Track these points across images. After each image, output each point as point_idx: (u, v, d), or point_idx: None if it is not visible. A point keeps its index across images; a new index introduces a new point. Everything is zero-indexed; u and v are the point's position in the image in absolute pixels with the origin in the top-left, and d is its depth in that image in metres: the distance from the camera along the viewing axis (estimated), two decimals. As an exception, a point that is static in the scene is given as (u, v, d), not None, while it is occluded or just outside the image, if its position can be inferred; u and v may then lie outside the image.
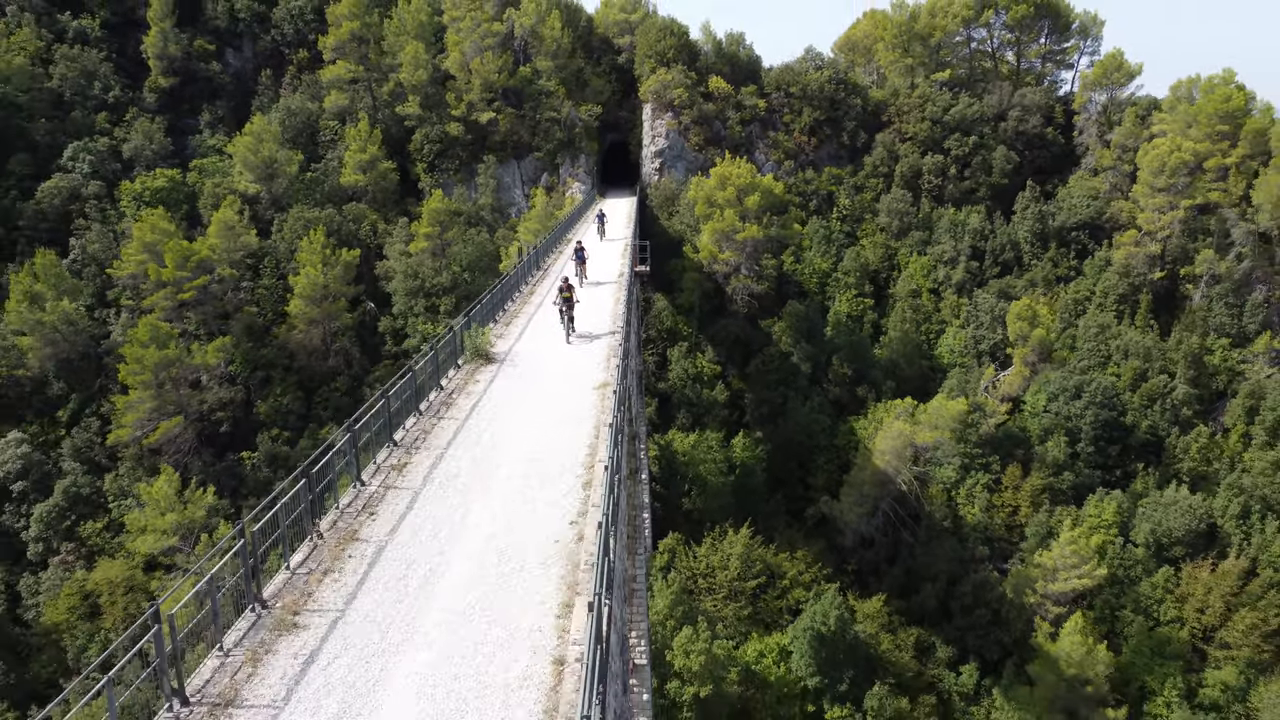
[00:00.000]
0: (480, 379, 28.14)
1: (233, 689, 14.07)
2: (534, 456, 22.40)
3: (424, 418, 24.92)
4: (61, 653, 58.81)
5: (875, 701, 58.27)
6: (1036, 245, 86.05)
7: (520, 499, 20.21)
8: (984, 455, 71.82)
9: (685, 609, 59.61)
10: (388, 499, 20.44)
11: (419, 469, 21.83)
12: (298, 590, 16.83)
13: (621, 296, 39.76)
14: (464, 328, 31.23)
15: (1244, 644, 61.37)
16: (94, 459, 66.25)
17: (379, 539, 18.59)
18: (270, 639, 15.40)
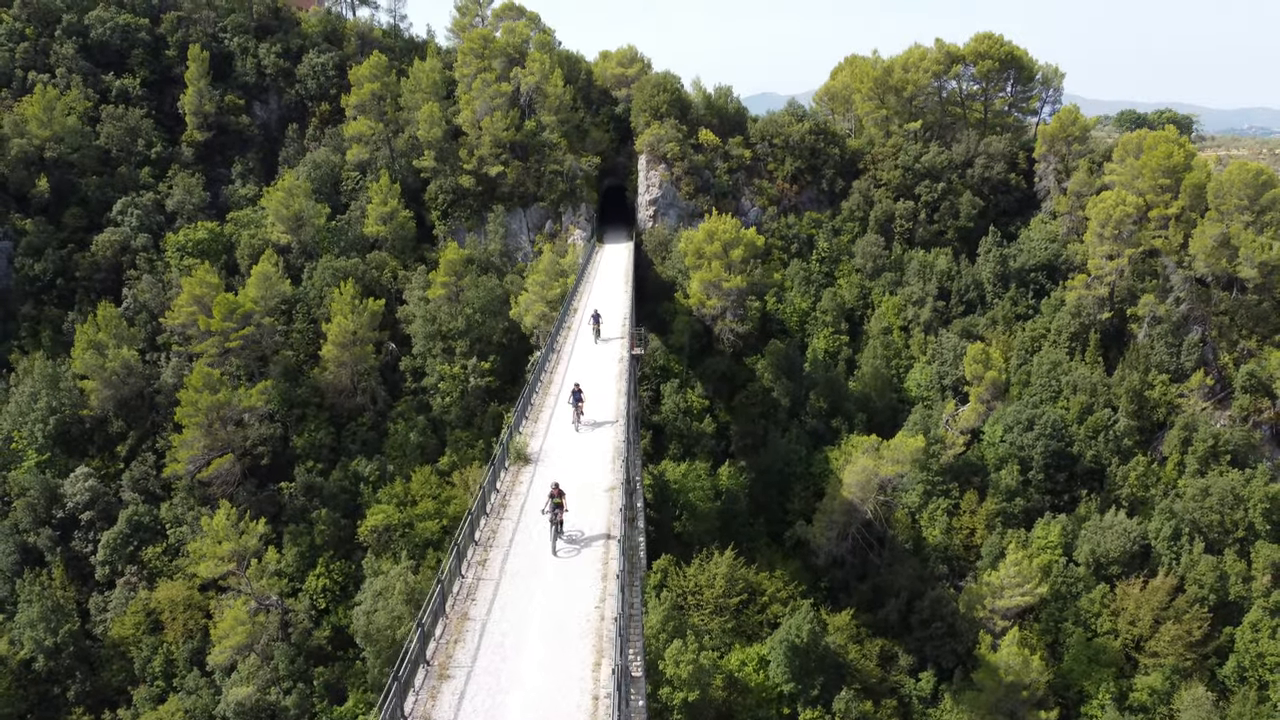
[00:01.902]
0: (523, 480, 36.60)
1: (425, 713, 22.22)
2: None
3: (490, 518, 33.41)
4: (129, 663, 67.06)
5: (843, 705, 66.52)
6: (998, 285, 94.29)
7: (563, 585, 28.61)
8: (944, 483, 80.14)
9: (676, 623, 67.92)
10: (480, 588, 28.92)
11: (495, 563, 30.43)
12: (443, 654, 25.08)
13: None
14: (509, 439, 39.84)
15: (1170, 653, 69.67)
16: (150, 489, 74.39)
17: (481, 617, 26.99)
18: (436, 684, 23.61)
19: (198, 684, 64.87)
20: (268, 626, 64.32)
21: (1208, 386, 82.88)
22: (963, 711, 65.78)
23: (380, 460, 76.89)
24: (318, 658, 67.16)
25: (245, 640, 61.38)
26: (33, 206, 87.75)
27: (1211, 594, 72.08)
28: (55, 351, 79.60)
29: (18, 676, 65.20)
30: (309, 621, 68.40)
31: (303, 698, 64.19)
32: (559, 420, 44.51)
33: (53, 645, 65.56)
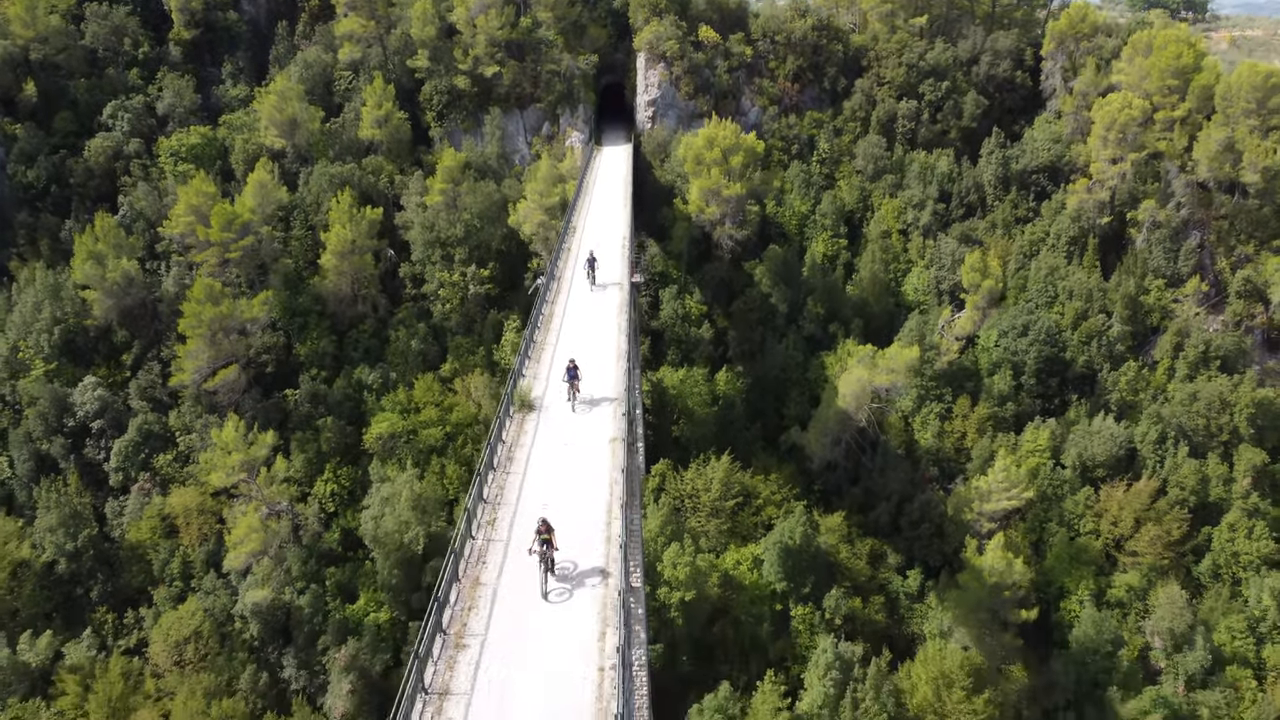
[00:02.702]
0: (527, 429, 37.24)
1: (446, 680, 23.61)
2: (574, 505, 32.04)
3: (497, 473, 34.19)
4: (147, 566, 69.65)
5: (833, 602, 69.47)
6: (999, 188, 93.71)
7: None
8: (938, 388, 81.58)
9: (673, 527, 70.34)
10: (491, 550, 29.82)
11: (504, 523, 31.29)
12: (459, 622, 26.31)
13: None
14: (513, 386, 40.33)
15: (1149, 552, 72.40)
16: (157, 398, 75.70)
17: (493, 581, 28.06)
18: (453, 653, 24.91)
19: (215, 585, 67.57)
20: (279, 532, 66.57)
21: (1203, 292, 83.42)
22: (947, 609, 68.76)
23: (383, 368, 78.00)
24: (329, 559, 69.69)
25: (259, 546, 63.64)
26: (21, 111, 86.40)
27: (1192, 496, 74.36)
28: (55, 261, 79.70)
29: (41, 579, 67.81)
30: (319, 525, 70.70)
31: (316, 597, 66.91)
32: (560, 361, 44.55)
33: (73, 549, 67.96)
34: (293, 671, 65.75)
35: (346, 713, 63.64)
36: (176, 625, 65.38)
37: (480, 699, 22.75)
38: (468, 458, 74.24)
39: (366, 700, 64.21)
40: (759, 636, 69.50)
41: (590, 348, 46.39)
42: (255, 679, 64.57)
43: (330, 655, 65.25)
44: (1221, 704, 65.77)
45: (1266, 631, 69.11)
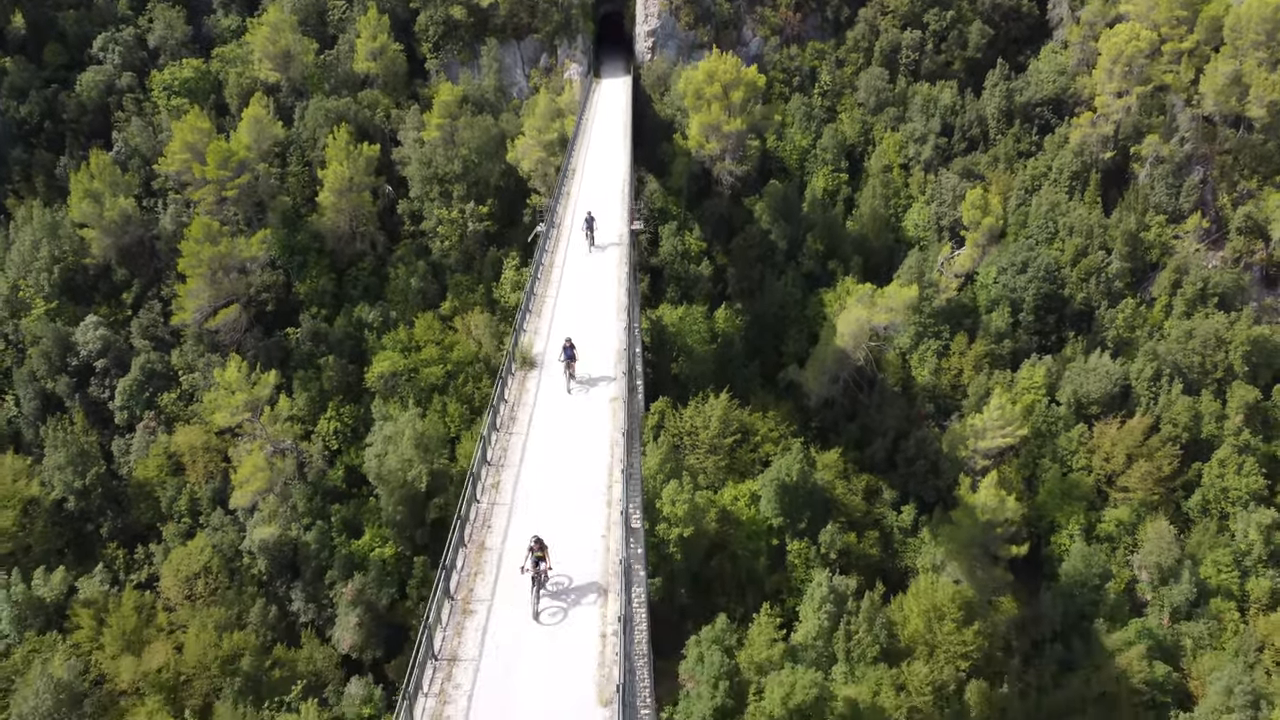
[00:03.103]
0: (529, 387, 37.54)
1: (454, 647, 24.44)
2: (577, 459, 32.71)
3: (500, 434, 34.47)
4: (155, 503, 70.91)
5: (828, 537, 70.94)
6: (1002, 121, 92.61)
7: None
8: (936, 325, 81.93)
9: (672, 465, 71.44)
10: (495, 514, 30.18)
11: (508, 486, 31.55)
12: (465, 587, 26.97)
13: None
14: (515, 342, 40.34)
15: (1139, 488, 73.64)
16: (159, 336, 76.10)
17: (498, 546, 28.56)
18: (461, 619, 25.53)
19: (222, 522, 68.88)
20: (284, 470, 67.62)
21: (1203, 229, 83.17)
22: (940, 544, 70.26)
23: (383, 306, 78.20)
24: (333, 496, 70.91)
25: (264, 485, 64.74)
26: (10, 44, 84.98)
27: (1184, 432, 75.33)
28: (51, 199, 79.30)
29: (52, 516, 69.13)
30: (323, 463, 71.76)
31: (322, 533, 68.29)
32: (560, 322, 44.63)
33: (82, 487, 69.09)
34: (301, 605, 67.48)
35: (354, 644, 65.57)
36: (186, 560, 66.89)
37: (488, 662, 23.59)
38: (468, 396, 74.98)
39: (374, 633, 66.07)
40: (755, 570, 71.18)
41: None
42: (265, 612, 66.31)
43: (337, 589, 66.89)
44: (1204, 634, 67.75)
45: (1251, 565, 70.73)
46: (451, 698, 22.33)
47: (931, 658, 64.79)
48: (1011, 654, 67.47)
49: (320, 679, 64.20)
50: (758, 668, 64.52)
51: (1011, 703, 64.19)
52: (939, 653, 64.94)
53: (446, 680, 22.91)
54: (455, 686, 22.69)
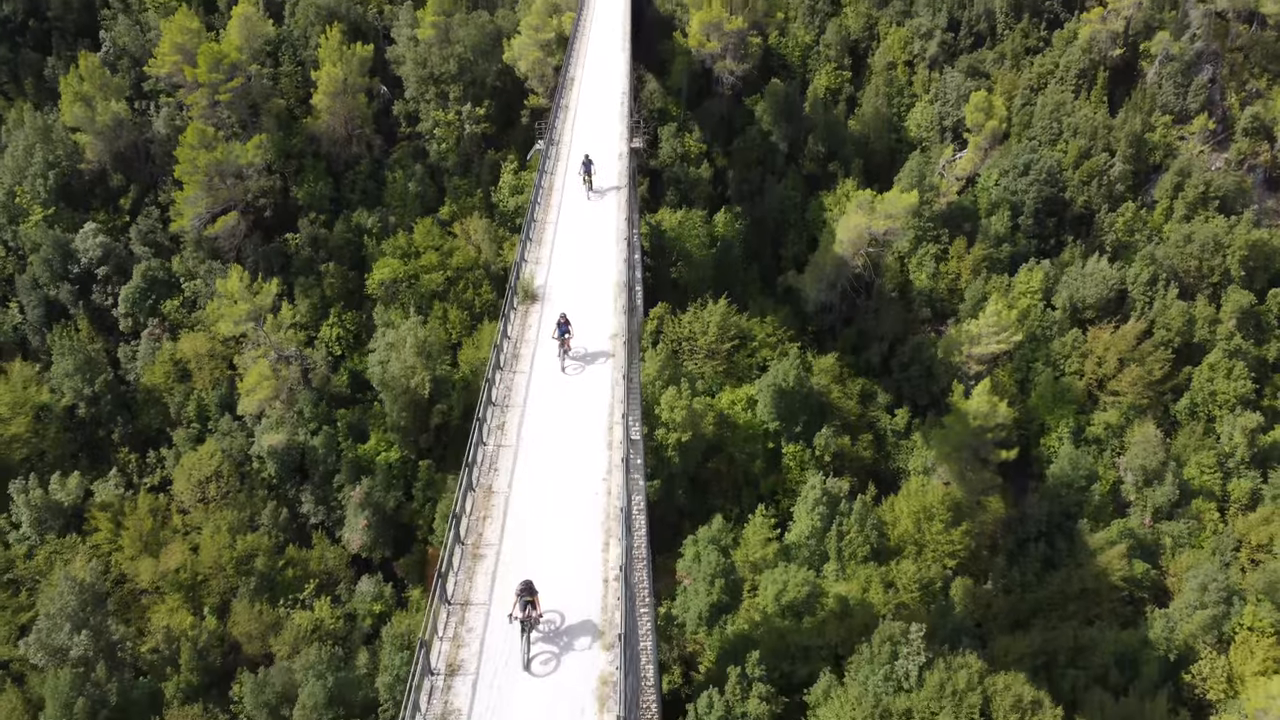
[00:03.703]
0: (531, 322, 37.89)
1: (478, 529, 25.61)
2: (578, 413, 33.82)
3: (504, 372, 35.00)
4: (164, 409, 72.36)
5: (823, 440, 72.61)
6: (1010, 16, 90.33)
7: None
8: (935, 229, 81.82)
9: (671, 371, 72.58)
10: (501, 455, 31.03)
11: (512, 427, 32.38)
12: (474, 532, 28.17)
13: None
14: (517, 275, 40.37)
15: (1129, 392, 74.89)
16: (159, 243, 76.23)
17: (504, 489, 29.53)
18: (471, 564, 26.73)
19: (230, 427, 70.43)
20: (289, 378, 68.75)
21: (1209, 130, 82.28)
22: (932, 448, 71.96)
23: (381, 211, 78.03)
24: (338, 401, 72.27)
25: (270, 393, 65.97)
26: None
27: (1177, 337, 76.20)
28: (41, 101, 78.22)
29: (63, 422, 70.67)
30: (327, 369, 72.85)
31: (328, 438, 69.90)
32: (561, 248, 44.71)
33: (91, 394, 70.38)
34: (310, 507, 69.61)
35: (363, 544, 67.90)
36: (197, 465, 68.68)
37: (496, 609, 25.14)
38: (469, 302, 75.59)
39: (382, 533, 68.32)
40: (751, 472, 73.12)
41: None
42: (276, 514, 68.47)
43: (345, 492, 68.88)
44: (1184, 534, 70.02)
45: (1234, 467, 72.53)
46: (465, 641, 23.76)
47: (920, 556, 67.16)
48: (997, 552, 69.85)
49: (332, 577, 66.79)
50: (752, 566, 67.02)
51: (995, 599, 66.82)
52: (927, 552, 67.32)
53: (460, 624, 24.32)
54: (468, 630, 24.11)
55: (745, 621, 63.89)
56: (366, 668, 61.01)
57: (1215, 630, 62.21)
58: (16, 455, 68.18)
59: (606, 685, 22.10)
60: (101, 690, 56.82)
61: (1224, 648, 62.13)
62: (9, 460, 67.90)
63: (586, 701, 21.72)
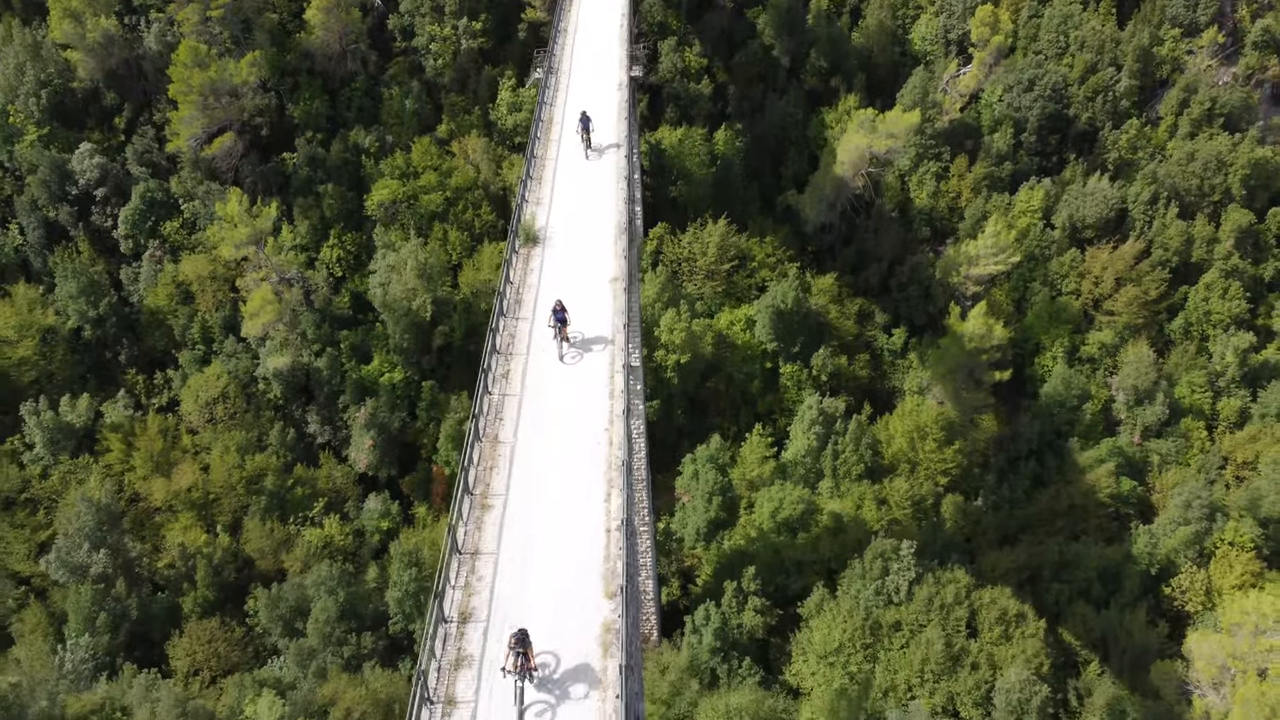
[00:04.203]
0: (533, 266, 38.09)
1: (485, 480, 26.60)
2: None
3: (508, 319, 35.40)
4: (169, 330, 73.09)
5: (820, 361, 73.62)
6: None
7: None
8: (936, 146, 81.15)
9: (670, 293, 73.12)
10: (506, 404, 31.67)
11: (516, 375, 33.06)
12: (482, 482, 29.10)
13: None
14: (518, 218, 40.33)
15: (1125, 311, 75.57)
16: (156, 163, 75.74)
17: (510, 439, 30.33)
18: (480, 513, 27.68)
19: (235, 349, 71.28)
20: (291, 301, 69.29)
21: (1218, 44, 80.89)
22: (927, 368, 72.99)
23: (378, 130, 77.34)
24: (341, 323, 72.97)
25: (274, 317, 66.58)
26: None
27: (1175, 256, 76.51)
28: (29, 16, 76.69)
29: (70, 344, 71.49)
30: (328, 290, 73.32)
31: (332, 360, 70.86)
32: (561, 188, 44.61)
33: (95, 316, 70.99)
34: (317, 427, 71.01)
35: (370, 464, 69.55)
36: (204, 386, 69.81)
37: (504, 559, 26.22)
38: (469, 223, 75.59)
39: (387, 452, 69.87)
40: (749, 392, 74.37)
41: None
42: (283, 435, 69.90)
43: (350, 413, 70.19)
44: (1172, 451, 71.58)
45: (1225, 386, 73.67)
46: (476, 589, 25.00)
47: (912, 474, 68.87)
48: (988, 470, 71.56)
49: (340, 496, 68.61)
50: (749, 484, 68.85)
51: (985, 515, 68.80)
52: (920, 470, 69.01)
53: (470, 573, 25.50)
54: (478, 579, 25.32)
55: (742, 537, 65.98)
56: (376, 582, 63.27)
57: (1196, 545, 64.10)
58: (25, 378, 69.22)
59: (609, 633, 23.34)
60: (122, 605, 59.14)
61: (1204, 562, 64.11)
62: (18, 383, 68.97)
63: (590, 648, 23.00)
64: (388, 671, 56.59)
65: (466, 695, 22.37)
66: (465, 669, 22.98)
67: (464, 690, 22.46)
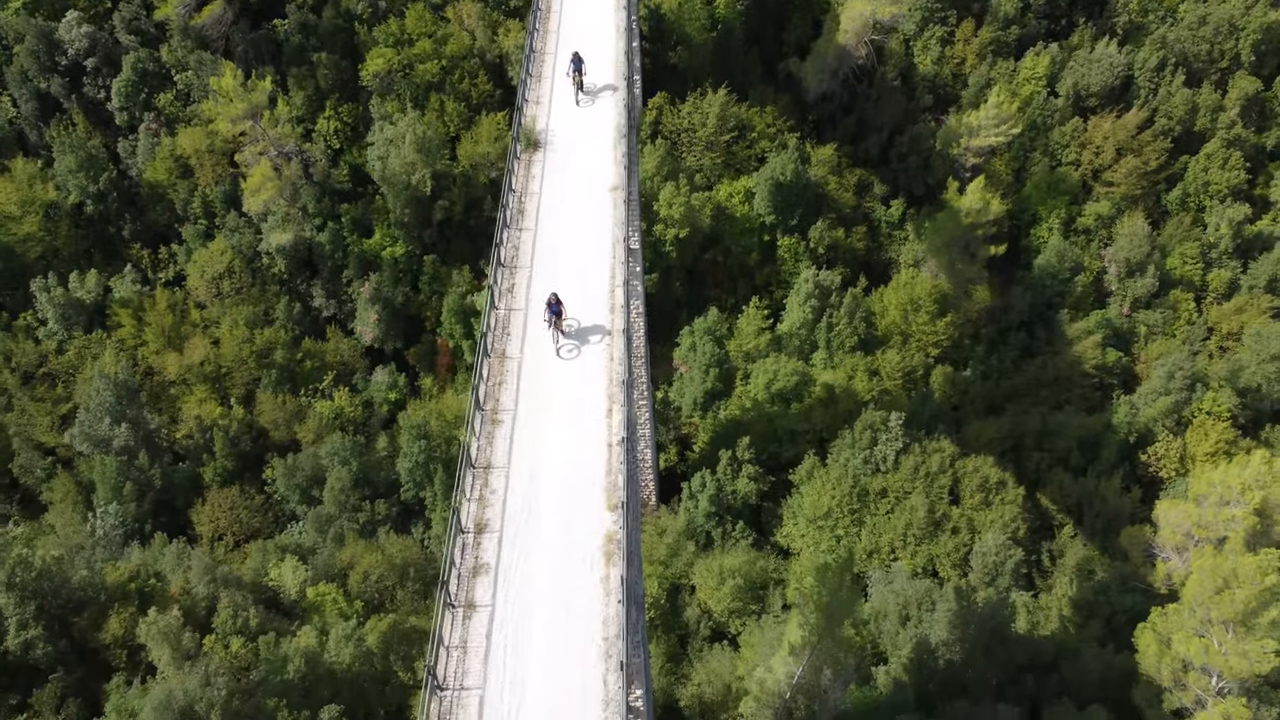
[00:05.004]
0: (535, 173, 38.21)
1: (495, 395, 28.49)
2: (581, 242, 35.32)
3: (512, 230, 35.89)
4: (170, 205, 73.44)
5: (818, 233, 74.30)
6: None
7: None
8: (943, 9, 79.19)
9: (670, 167, 73.06)
10: (513, 319, 32.59)
11: (521, 289, 33.72)
12: (492, 398, 30.35)
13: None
14: (518, 123, 40.17)
15: (1124, 182, 75.77)
16: (145, 31, 74.14)
17: (516, 355, 31.43)
18: (490, 429, 29.27)
19: (238, 223, 71.78)
20: (290, 175, 69.36)
21: (1240, -103, 77.74)
22: (923, 241, 73.69)
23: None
24: (341, 196, 73.14)
25: (275, 193, 66.88)
26: None
27: (1178, 125, 76.13)
28: (1, -127, 73.54)
29: (73, 220, 71.97)
30: (326, 163, 73.16)
31: (334, 234, 71.47)
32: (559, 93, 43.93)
33: (96, 191, 71.17)
34: (322, 301, 72.39)
35: (375, 337, 71.33)
36: (209, 261, 70.79)
37: (514, 472, 27.85)
38: (465, 93, 74.68)
39: (392, 325, 71.51)
40: (747, 264, 75.40)
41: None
42: (289, 309, 71.33)
43: (355, 287, 71.42)
44: (1159, 322, 73.12)
45: (1217, 257, 74.62)
46: (489, 501, 26.90)
47: (905, 346, 70.68)
48: (978, 341, 73.29)
49: (348, 368, 70.70)
50: (745, 355, 70.77)
51: (973, 385, 70.96)
52: (912, 342, 70.77)
53: (484, 486, 27.36)
54: (491, 492, 27.17)
55: (737, 408, 68.37)
56: (386, 451, 66.04)
57: (1175, 415, 66.42)
58: (32, 254, 70.10)
59: (611, 543, 25.39)
60: (146, 475, 62.07)
61: (1181, 431, 66.52)
62: (26, 259, 69.93)
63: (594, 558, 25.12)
64: (401, 537, 59.97)
65: (484, 599, 24.67)
66: (483, 576, 25.20)
67: (482, 595, 24.76)
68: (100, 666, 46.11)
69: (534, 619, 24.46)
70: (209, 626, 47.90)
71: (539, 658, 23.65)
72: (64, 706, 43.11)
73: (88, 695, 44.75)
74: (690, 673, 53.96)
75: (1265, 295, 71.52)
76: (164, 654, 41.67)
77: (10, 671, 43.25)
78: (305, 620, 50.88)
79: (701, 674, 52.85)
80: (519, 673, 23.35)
